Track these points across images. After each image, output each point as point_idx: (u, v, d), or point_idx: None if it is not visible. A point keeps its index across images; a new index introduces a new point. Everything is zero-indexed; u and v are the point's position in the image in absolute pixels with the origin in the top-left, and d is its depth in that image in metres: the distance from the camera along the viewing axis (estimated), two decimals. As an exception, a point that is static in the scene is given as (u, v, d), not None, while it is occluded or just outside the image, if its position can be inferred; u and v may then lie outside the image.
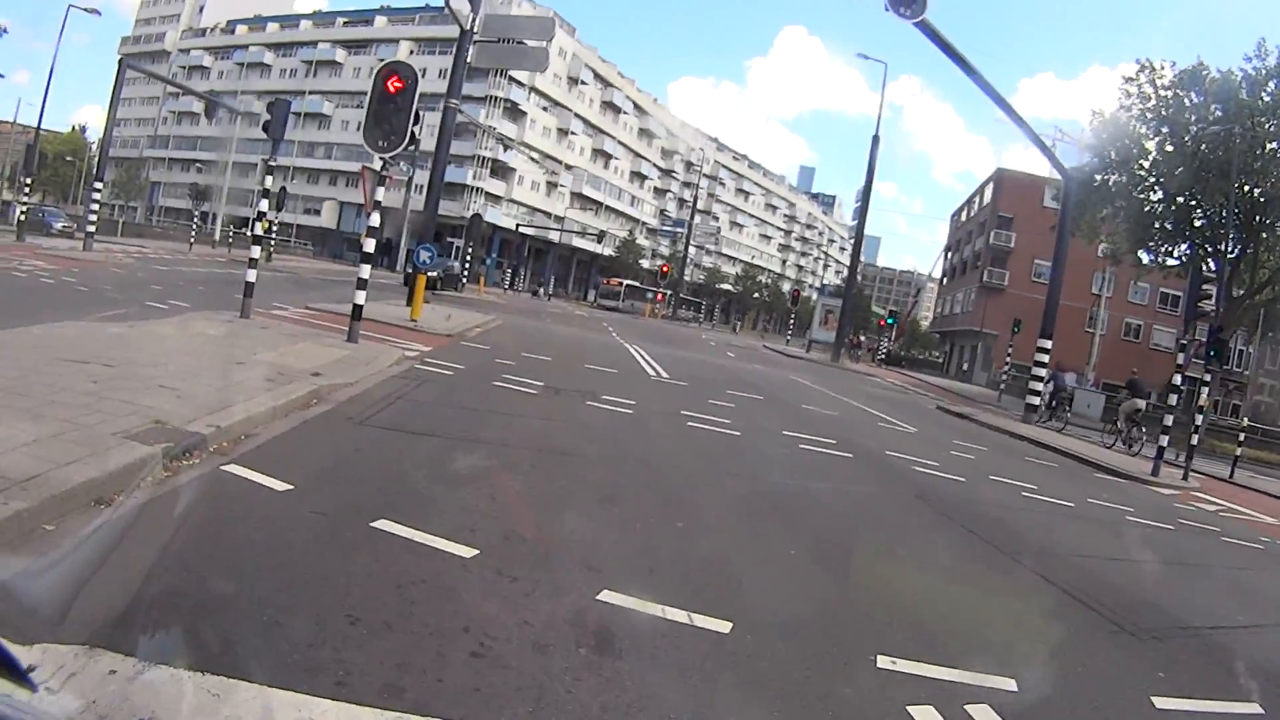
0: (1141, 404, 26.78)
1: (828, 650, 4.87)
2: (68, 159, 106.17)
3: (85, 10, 43.89)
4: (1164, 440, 19.81)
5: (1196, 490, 18.66)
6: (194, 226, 51.13)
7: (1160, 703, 5.02)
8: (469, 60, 23.93)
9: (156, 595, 3.98)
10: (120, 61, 38.64)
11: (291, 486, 5.90)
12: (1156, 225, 39.23)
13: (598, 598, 4.87)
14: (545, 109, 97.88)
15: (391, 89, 13.98)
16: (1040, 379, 29.14)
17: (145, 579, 4.10)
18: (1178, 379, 20.15)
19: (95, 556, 4.32)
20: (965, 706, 4.36)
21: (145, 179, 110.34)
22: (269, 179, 16.48)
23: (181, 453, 6.05)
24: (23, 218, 33.62)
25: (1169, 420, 20.06)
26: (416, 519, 5.57)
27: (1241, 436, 26.71)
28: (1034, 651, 5.68)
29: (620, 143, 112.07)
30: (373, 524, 5.36)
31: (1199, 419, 21.31)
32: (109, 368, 8.04)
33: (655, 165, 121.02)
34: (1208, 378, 23.06)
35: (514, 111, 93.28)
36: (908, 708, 4.25)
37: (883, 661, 4.74)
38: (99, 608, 3.66)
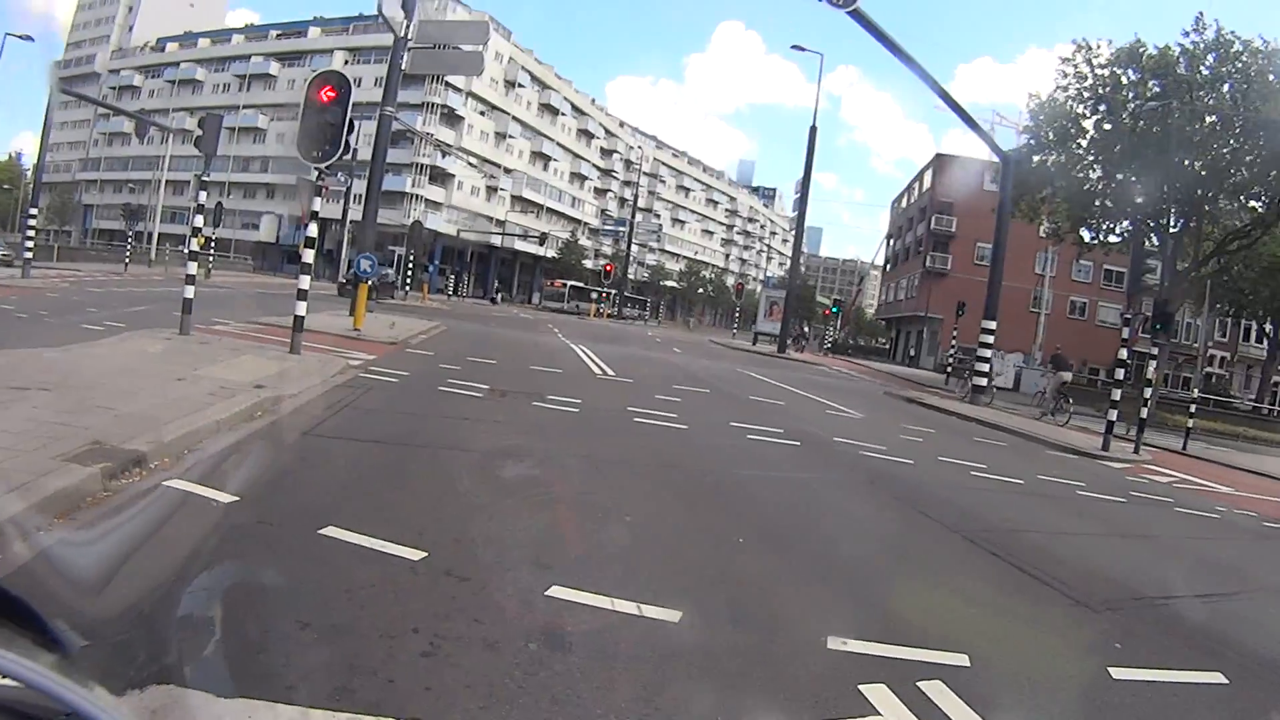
0: (1068, 376, 29.63)
1: (777, 634, 4.90)
2: (4, 187, 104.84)
3: (19, 37, 43.28)
4: (1113, 415, 20.03)
5: (1148, 463, 18.92)
6: (128, 247, 50.44)
7: (1117, 673, 5.03)
8: (404, 67, 23.83)
9: (100, 614, 3.93)
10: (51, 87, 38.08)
11: (237, 498, 5.85)
12: (1097, 203, 39.68)
13: (547, 593, 4.86)
14: (483, 113, 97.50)
15: (324, 99, 13.87)
16: (986, 360, 29.39)
17: (88, 598, 4.05)
18: (1124, 353, 20.39)
19: (34, 579, 4.26)
20: (918, 684, 4.37)
21: (78, 202, 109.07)
22: (203, 194, 16.32)
23: (121, 471, 5.97)
24: (-40, 249, 33.16)
25: (1117, 395, 20.28)
26: (364, 524, 5.54)
27: (1192, 408, 27.07)
28: (987, 627, 5.71)
29: (559, 144, 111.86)
30: (320, 531, 5.33)
31: (1148, 392, 21.52)
32: (45, 392, 7.93)
33: (595, 165, 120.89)
34: (1155, 351, 23.37)
35: (451, 117, 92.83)
36: (859, 687, 4.25)
37: (833, 643, 4.76)
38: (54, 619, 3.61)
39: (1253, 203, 37.55)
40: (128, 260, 47.29)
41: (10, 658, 1.39)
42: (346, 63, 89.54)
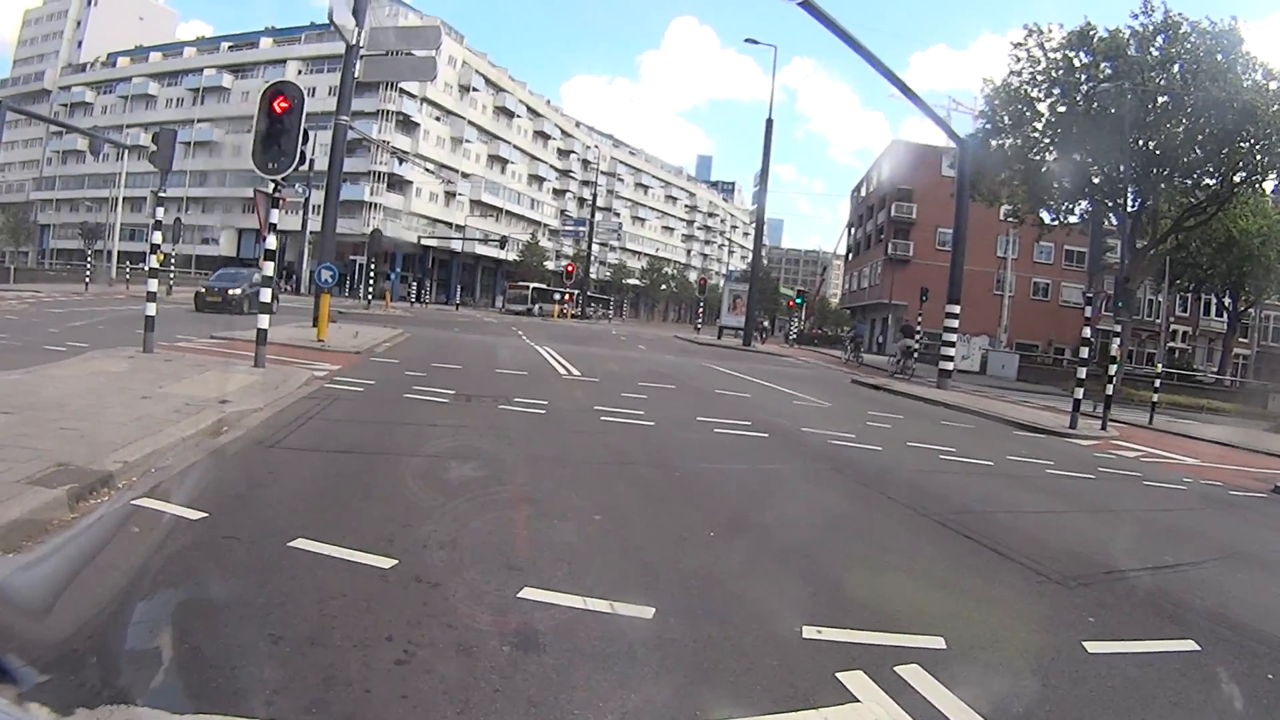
0: (912, 342, 37.37)
1: (752, 626, 4.89)
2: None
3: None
4: (1079, 393, 20.17)
5: (1116, 439, 19.16)
6: (88, 266, 49.98)
7: (1092, 647, 5.08)
8: (357, 75, 23.67)
9: (71, 635, 3.91)
10: (-1, 104, 37.64)
11: (205, 514, 5.81)
12: (1055, 185, 40.20)
13: (519, 595, 4.87)
14: (438, 119, 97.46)
15: (278, 109, 13.77)
16: (952, 344, 29.57)
17: (58, 620, 4.04)
18: (1087, 331, 20.60)
19: (4, 603, 4.23)
20: (895, 668, 4.39)
21: (34, 222, 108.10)
22: (160, 210, 16.20)
23: (88, 492, 5.93)
24: (-86, 272, 32.78)
25: (1082, 373, 20.45)
26: (333, 535, 5.53)
27: (1157, 383, 27.37)
28: (961, 609, 5.75)
29: (516, 147, 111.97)
30: (290, 543, 5.31)
31: (1112, 369, 21.71)
32: (7, 415, 7.85)
33: (552, 166, 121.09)
34: (1119, 329, 23.59)
35: (407, 124, 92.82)
36: (837, 675, 4.27)
37: (808, 632, 4.78)
38: (9, 654, 3.58)
39: (1206, 180, 38.06)
40: (88, 279, 46.83)
41: None
42: (300, 72, 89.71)
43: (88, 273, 48.28)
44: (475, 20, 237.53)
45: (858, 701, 4.04)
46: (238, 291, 31.74)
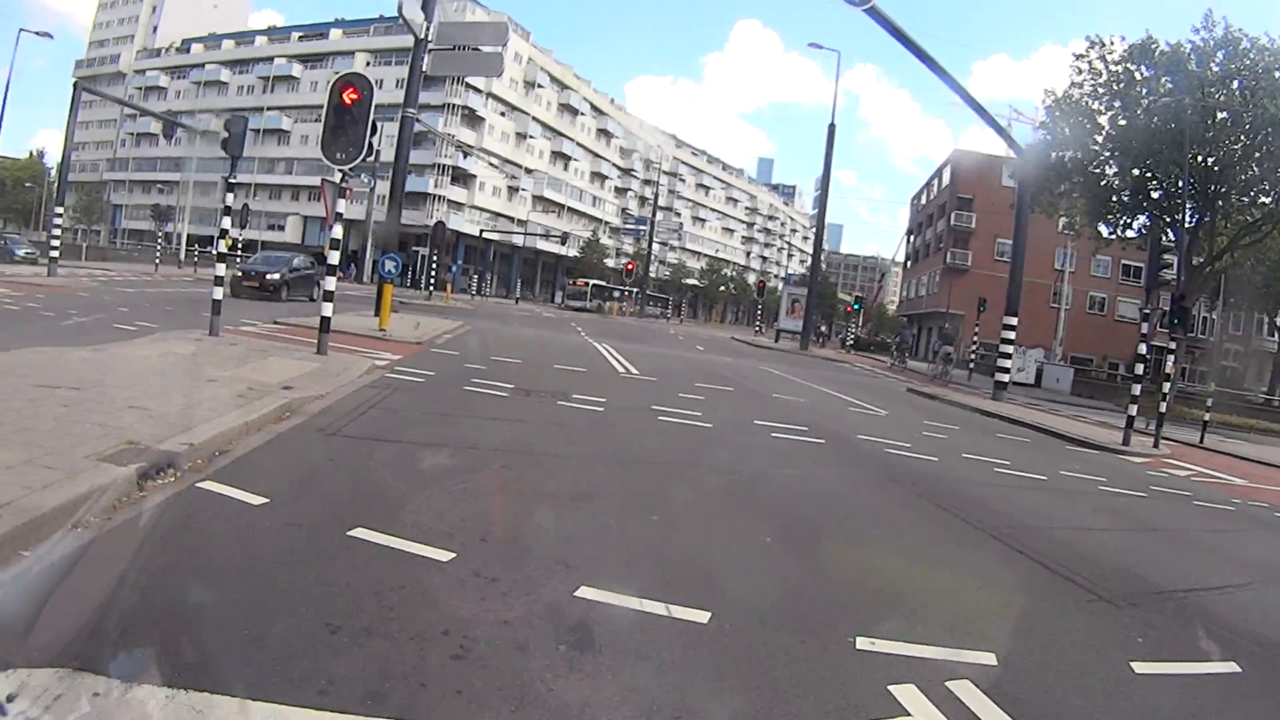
0: (950, 349, 41.53)
1: (806, 635, 4.87)
2: (27, 185, 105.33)
3: (36, 34, 43.63)
4: (1133, 409, 19.96)
5: (1167, 457, 18.92)
6: (159, 247, 50.56)
7: (1139, 667, 5.04)
8: (425, 69, 23.86)
9: (135, 614, 3.98)
10: (75, 85, 38.20)
11: (266, 500, 5.89)
12: (1114, 199, 39.77)
13: (575, 594, 4.89)
14: (503, 114, 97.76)
15: (347, 101, 13.92)
16: (1008, 356, 29.27)
17: (123, 599, 4.11)
18: (1143, 348, 20.33)
19: (71, 579, 4.32)
20: (947, 683, 4.38)
21: (107, 202, 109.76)
22: (229, 196, 16.39)
23: (155, 472, 6.03)
24: (-15, 247, 33.24)
25: (1136, 389, 20.22)
26: (392, 525, 5.58)
27: (1210, 401, 27.02)
28: (1012, 624, 5.70)
29: (579, 144, 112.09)
30: (349, 532, 5.37)
31: (1166, 386, 21.46)
32: (78, 391, 8.00)
33: (615, 165, 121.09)
34: (1173, 345, 23.26)
35: (472, 118, 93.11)
36: (889, 687, 4.26)
37: (862, 643, 4.76)
38: (78, 630, 3.66)
39: (1262, 198, 37.57)
40: (158, 260, 47.43)
41: None
42: (368, 64, 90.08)
43: (157, 254, 48.92)
44: (542, 19, 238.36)
45: (909, 715, 4.04)
46: (276, 276, 31.13)
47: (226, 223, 16.13)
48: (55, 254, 31.76)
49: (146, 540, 4.97)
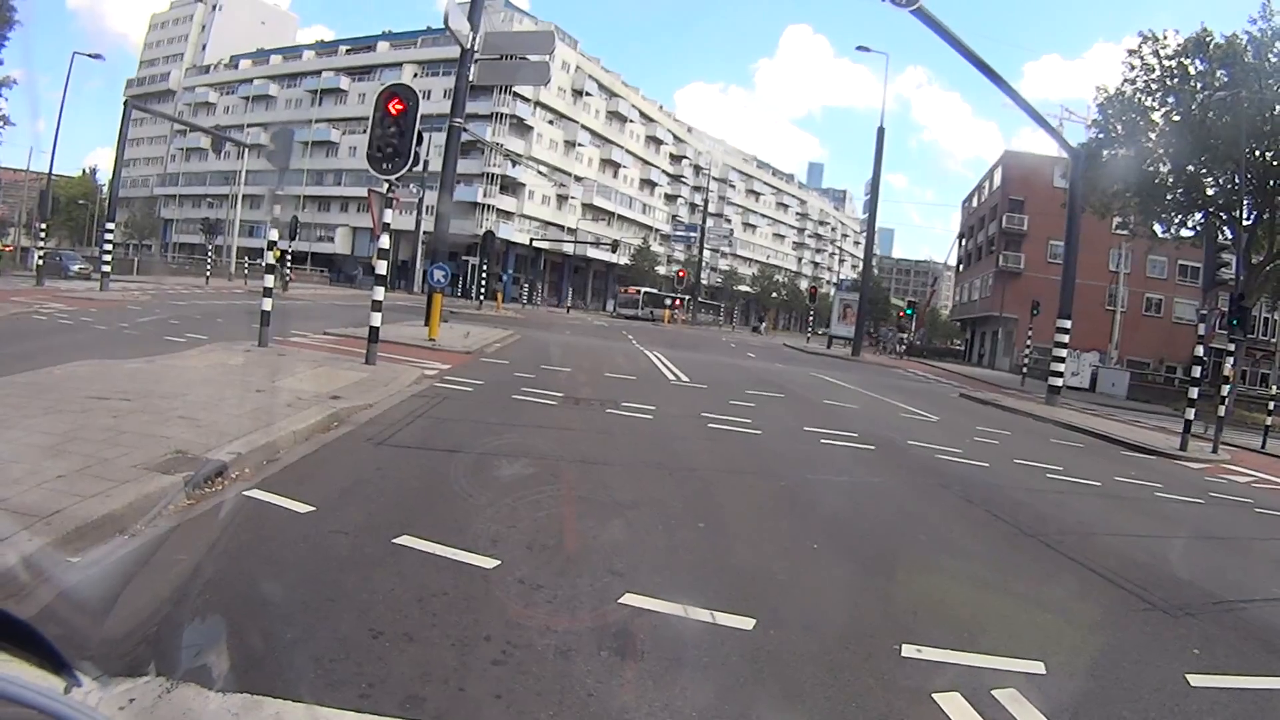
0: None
1: (851, 642, 4.84)
2: (80, 202, 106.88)
3: (89, 56, 44.39)
4: (1190, 413, 19.58)
5: (1227, 463, 18.48)
6: (209, 260, 51.24)
7: (1195, 680, 4.93)
8: (472, 79, 23.97)
9: (182, 617, 4.06)
10: (126, 103, 38.89)
11: (313, 508, 5.95)
12: (1168, 197, 39.05)
13: (620, 601, 4.89)
14: (551, 122, 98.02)
15: (393, 111, 14.03)
16: (1062, 360, 28.93)
17: (170, 602, 4.18)
18: (1201, 350, 19.99)
19: (120, 583, 4.37)
20: (993, 691, 4.33)
21: (158, 217, 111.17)
22: (277, 208, 16.58)
23: (203, 480, 6.10)
24: (40, 262, 33.80)
25: (1194, 393, 19.87)
26: (438, 533, 5.62)
27: (1271, 405, 26.47)
28: (1062, 633, 5.62)
29: (628, 151, 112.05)
30: (394, 540, 5.41)
31: (1225, 390, 21.08)
32: (128, 401, 8.11)
33: (664, 171, 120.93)
34: (1232, 347, 22.88)
35: (520, 127, 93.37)
36: (933, 695, 4.23)
37: (907, 650, 4.72)
38: (126, 632, 3.72)
39: None
40: (208, 273, 48.13)
41: (20, 683, 1.44)
42: (415, 75, 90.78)
43: (208, 267, 49.65)
44: (590, 28, 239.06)
45: (953, 723, 4.00)
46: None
47: (274, 234, 16.29)
48: (107, 269, 32.40)
49: (194, 547, 5.02)
